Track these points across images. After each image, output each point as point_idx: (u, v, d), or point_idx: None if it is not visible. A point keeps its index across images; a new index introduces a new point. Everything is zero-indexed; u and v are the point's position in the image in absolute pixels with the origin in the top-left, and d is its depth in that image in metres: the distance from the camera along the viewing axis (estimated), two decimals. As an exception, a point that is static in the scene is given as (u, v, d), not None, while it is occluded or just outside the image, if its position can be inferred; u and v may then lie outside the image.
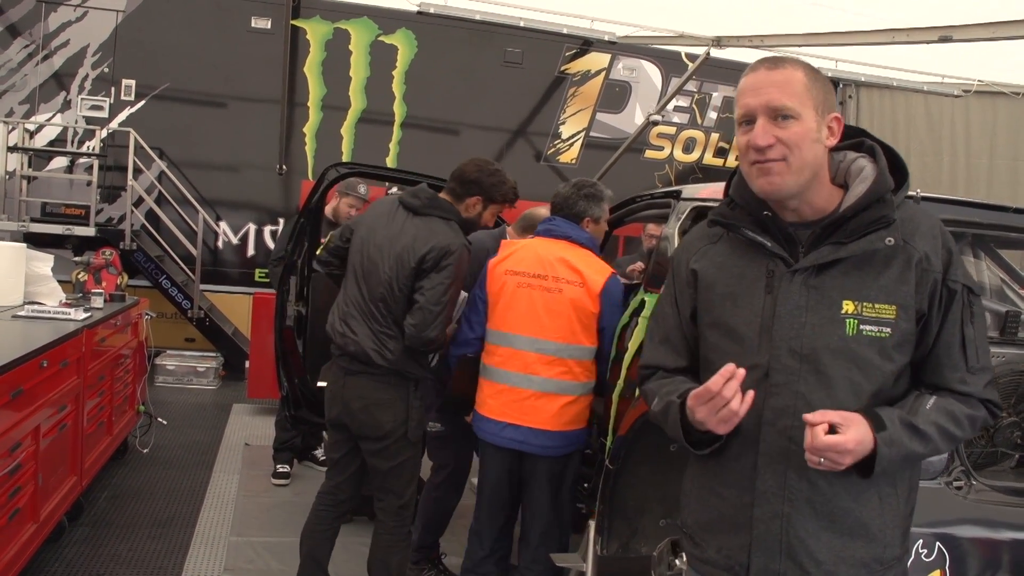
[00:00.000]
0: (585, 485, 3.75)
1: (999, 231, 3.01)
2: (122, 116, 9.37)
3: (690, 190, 3.50)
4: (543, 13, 9.83)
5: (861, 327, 1.71)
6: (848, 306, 1.73)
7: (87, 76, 9.36)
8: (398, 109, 10.12)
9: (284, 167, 9.78)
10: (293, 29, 9.66)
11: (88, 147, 9.05)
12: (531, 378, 3.38)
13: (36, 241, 7.11)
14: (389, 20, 9.98)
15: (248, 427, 6.88)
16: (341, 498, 3.62)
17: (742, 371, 1.66)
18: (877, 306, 1.72)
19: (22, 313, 4.43)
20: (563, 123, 10.80)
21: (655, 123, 10.40)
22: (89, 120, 9.18)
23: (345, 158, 9.85)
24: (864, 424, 1.66)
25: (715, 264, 1.89)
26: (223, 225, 9.79)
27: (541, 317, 3.37)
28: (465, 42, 10.17)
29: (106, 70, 9.36)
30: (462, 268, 3.37)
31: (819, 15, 8.35)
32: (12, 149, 8.53)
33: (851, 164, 1.82)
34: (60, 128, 9.27)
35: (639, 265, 4.91)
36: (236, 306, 9.42)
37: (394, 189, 5.73)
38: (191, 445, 6.26)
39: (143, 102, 9.43)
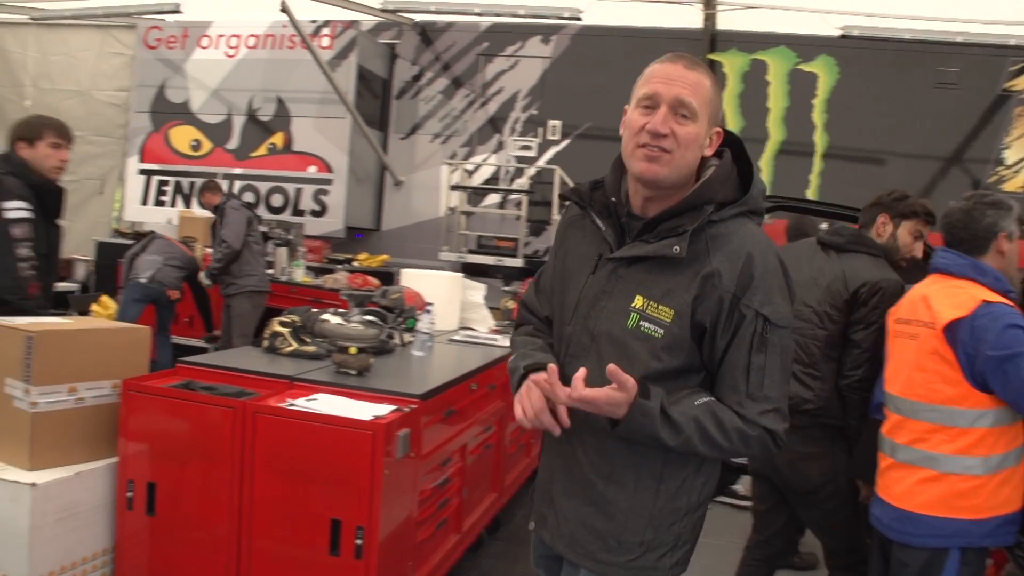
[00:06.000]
0: None
1: None
2: (548, 155, 10.02)
3: None
4: (983, 25, 8.79)
5: (641, 322, 1.81)
6: (638, 301, 1.82)
7: (518, 119, 10.18)
8: (819, 139, 9.65)
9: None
10: (710, 63, 9.67)
11: (518, 184, 9.83)
12: (893, 444, 2.75)
13: (469, 271, 7.84)
14: (808, 47, 9.57)
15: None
16: (771, 552, 3.49)
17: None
18: (660, 307, 1.80)
19: (457, 337, 4.85)
20: (1007, 147, 9.55)
21: None
22: (519, 159, 9.97)
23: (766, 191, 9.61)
24: (633, 392, 1.70)
25: (575, 238, 2.03)
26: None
27: (903, 370, 2.75)
28: (892, 64, 9.40)
29: (535, 112, 10.10)
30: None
31: None
32: (454, 188, 9.53)
33: (707, 170, 1.89)
34: (494, 168, 10.17)
35: None
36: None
37: None
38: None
39: (567, 141, 10.02)
